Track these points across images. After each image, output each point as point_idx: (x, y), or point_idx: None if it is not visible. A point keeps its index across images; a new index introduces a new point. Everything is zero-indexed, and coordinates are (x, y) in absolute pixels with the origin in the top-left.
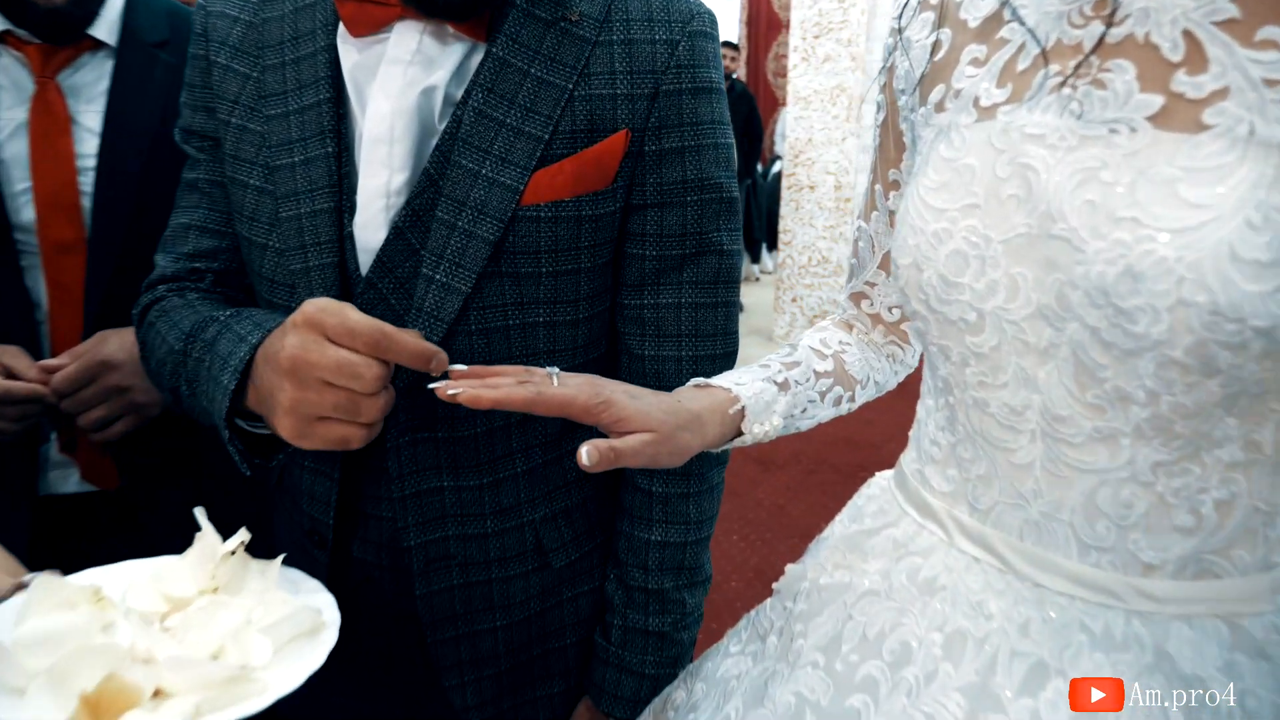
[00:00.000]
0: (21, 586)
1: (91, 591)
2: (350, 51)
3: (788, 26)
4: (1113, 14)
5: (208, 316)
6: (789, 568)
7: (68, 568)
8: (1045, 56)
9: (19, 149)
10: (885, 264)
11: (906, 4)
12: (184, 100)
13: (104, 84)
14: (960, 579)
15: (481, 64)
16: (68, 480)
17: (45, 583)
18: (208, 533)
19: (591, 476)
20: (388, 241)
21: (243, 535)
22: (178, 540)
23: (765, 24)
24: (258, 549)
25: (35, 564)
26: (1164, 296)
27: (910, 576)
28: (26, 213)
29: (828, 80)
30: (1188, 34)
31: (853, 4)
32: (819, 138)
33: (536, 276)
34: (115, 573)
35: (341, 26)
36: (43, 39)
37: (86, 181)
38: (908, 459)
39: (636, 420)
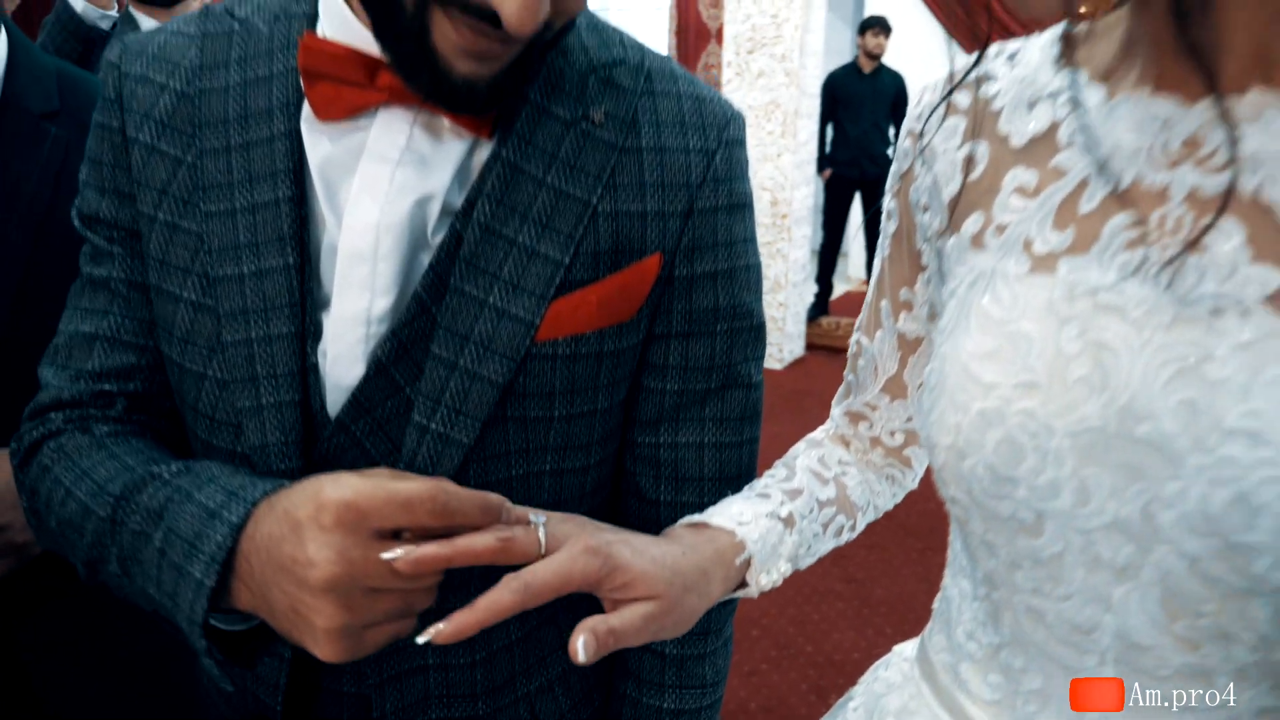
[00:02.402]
0: None
1: None
2: (319, 140)
3: (717, 37)
4: (1210, 157)
5: (144, 474)
6: None
7: None
8: (1119, 200)
9: None
10: (890, 388)
11: (924, 104)
12: (87, 179)
13: None
14: None
15: (488, 169)
16: None
17: None
18: None
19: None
20: (367, 378)
21: None
22: (68, 689)
23: (695, 34)
24: None
25: None
26: None
27: None
28: None
29: (762, 96)
30: None
31: (786, 19)
32: (754, 154)
33: (548, 421)
34: None
35: (307, 108)
36: None
37: None
38: (935, 645)
39: (641, 586)
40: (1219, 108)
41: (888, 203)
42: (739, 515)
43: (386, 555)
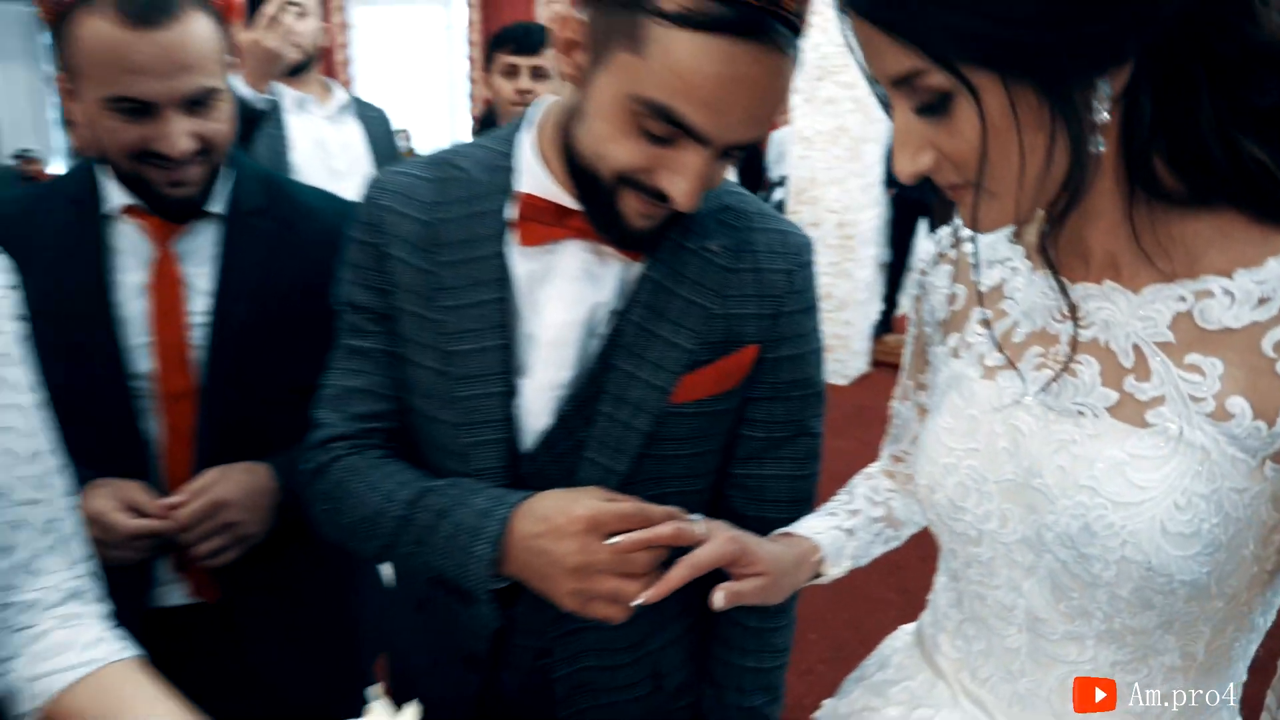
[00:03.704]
0: None
1: None
2: (520, 259)
3: None
4: (1079, 319)
5: (423, 487)
6: (825, 703)
7: (171, 674)
8: (1035, 337)
9: (139, 307)
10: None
11: (929, 254)
12: (351, 278)
13: (211, 249)
14: None
15: (640, 284)
16: (173, 594)
17: None
18: (379, 707)
19: (694, 609)
20: (553, 427)
21: (414, 710)
22: (270, 645)
23: None
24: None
25: None
26: (1112, 552)
27: None
28: (144, 363)
29: (830, 121)
30: (1135, 347)
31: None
32: (822, 177)
33: (675, 458)
34: None
35: (512, 236)
36: (169, 219)
37: (197, 336)
38: (926, 621)
39: (758, 566)
40: (1063, 291)
41: (910, 314)
42: (815, 528)
43: (611, 541)
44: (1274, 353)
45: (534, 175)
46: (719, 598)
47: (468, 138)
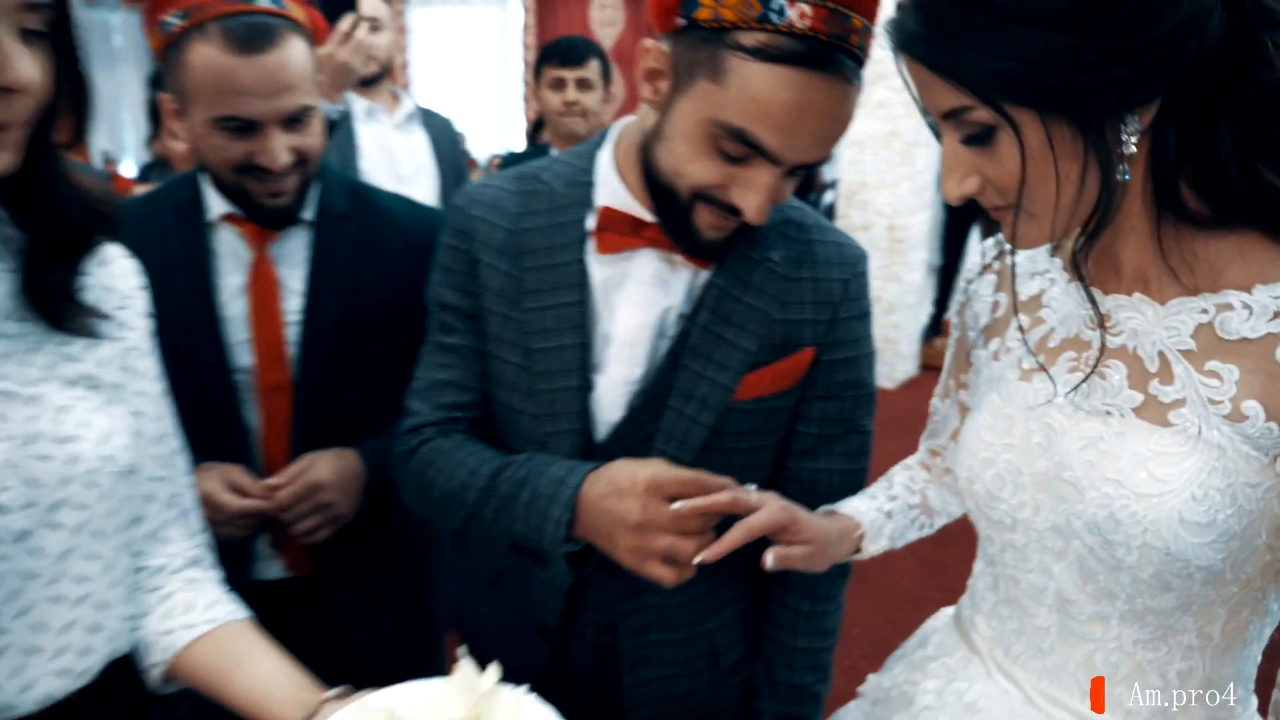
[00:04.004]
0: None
1: (388, 712)
2: (598, 266)
3: None
4: (1109, 327)
5: (502, 461)
6: (870, 678)
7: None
8: (1068, 343)
9: (240, 307)
10: (954, 436)
11: (974, 264)
12: (441, 280)
13: (303, 252)
14: (994, 704)
15: (706, 290)
16: (271, 569)
17: (355, 708)
18: (467, 665)
19: (749, 593)
20: (625, 419)
21: (495, 670)
22: (355, 616)
23: None
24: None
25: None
26: (1135, 538)
27: (958, 697)
28: (245, 358)
29: (881, 125)
30: (1161, 354)
31: None
32: (873, 180)
33: (736, 450)
34: (398, 695)
35: (590, 244)
36: (266, 227)
37: (291, 333)
38: (965, 603)
39: (806, 534)
40: (1092, 301)
41: (953, 319)
42: (857, 509)
43: (674, 506)
44: None
45: (612, 189)
46: (770, 559)
47: (521, 141)
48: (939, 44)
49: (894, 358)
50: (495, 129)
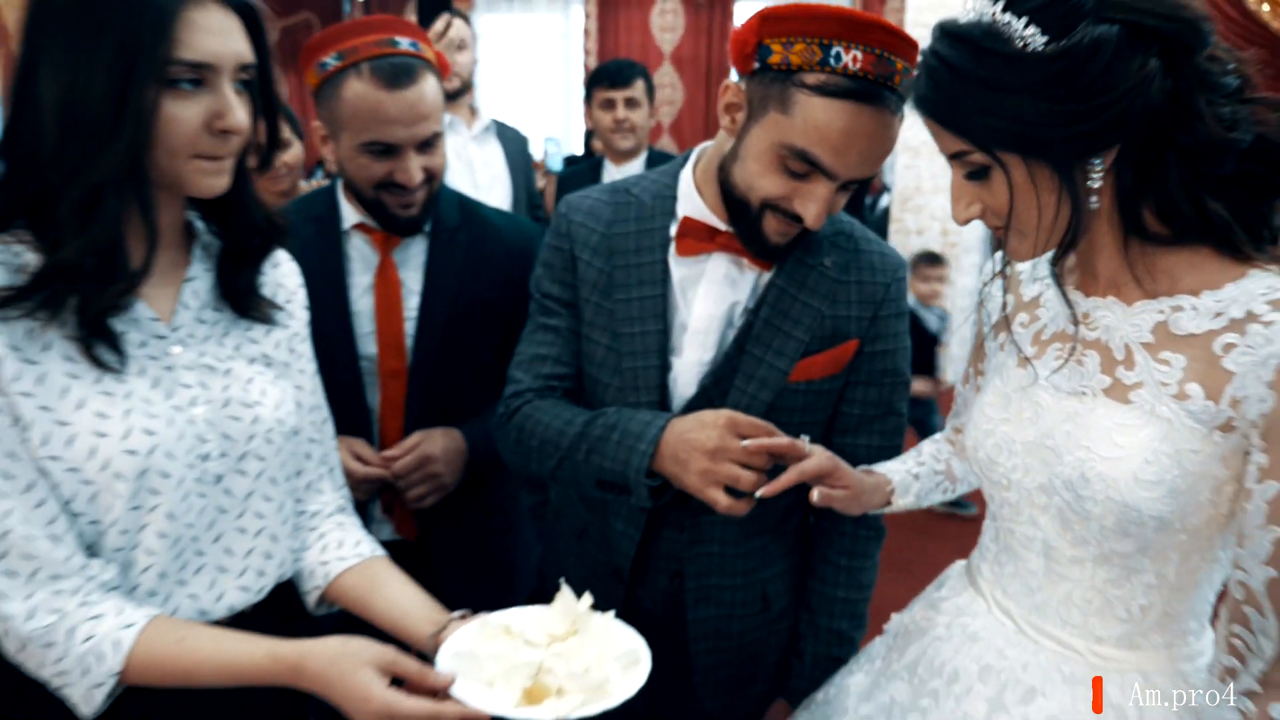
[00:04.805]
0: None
1: (505, 627)
2: (678, 266)
3: None
4: (1086, 323)
5: (594, 413)
6: (894, 616)
7: None
8: (1057, 336)
9: (367, 303)
10: None
11: (988, 271)
12: (544, 273)
13: (421, 258)
14: (992, 634)
15: (768, 288)
16: (382, 531)
17: (477, 623)
18: (567, 593)
19: (797, 550)
20: (696, 395)
21: (588, 598)
22: (454, 573)
23: None
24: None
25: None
26: (1100, 494)
27: (963, 630)
28: (370, 347)
29: None
30: (1126, 345)
31: None
32: (927, 186)
33: (789, 426)
34: (511, 616)
35: (672, 246)
36: (398, 234)
37: (409, 327)
38: (975, 555)
39: (845, 481)
40: (1068, 303)
41: (974, 318)
42: (890, 469)
43: (744, 444)
44: (1221, 351)
45: (692, 202)
46: (815, 495)
47: (580, 143)
48: (944, 104)
49: (944, 360)
50: (557, 132)
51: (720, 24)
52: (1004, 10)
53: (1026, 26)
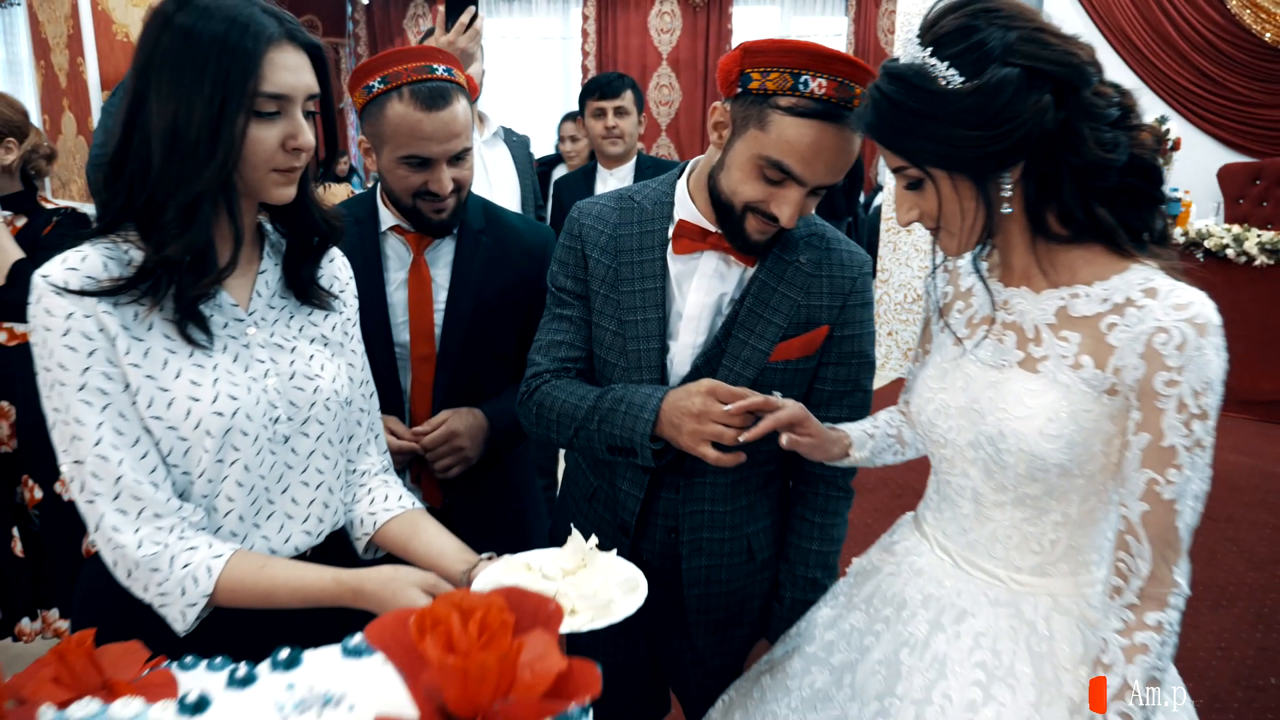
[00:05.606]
0: (474, 565)
1: (526, 564)
2: (674, 262)
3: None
4: (1004, 308)
5: (604, 389)
6: (854, 560)
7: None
8: (984, 320)
9: (401, 296)
10: None
11: (934, 267)
12: (559, 270)
13: (448, 257)
14: (933, 568)
15: (751, 281)
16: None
17: (502, 562)
18: (577, 536)
19: (778, 509)
20: (690, 373)
21: (594, 539)
22: (476, 537)
23: (874, 58)
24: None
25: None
26: (1014, 446)
27: (911, 566)
28: (403, 335)
29: None
30: (1035, 326)
31: None
32: None
33: None
34: (530, 556)
35: (670, 246)
36: (429, 235)
37: (438, 317)
38: (920, 505)
39: (810, 430)
40: (988, 290)
41: (925, 306)
42: (849, 427)
43: (726, 407)
44: (1106, 330)
45: (686, 207)
46: (785, 440)
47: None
48: (886, 130)
49: None
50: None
51: (718, 26)
52: (931, 55)
53: (948, 68)
